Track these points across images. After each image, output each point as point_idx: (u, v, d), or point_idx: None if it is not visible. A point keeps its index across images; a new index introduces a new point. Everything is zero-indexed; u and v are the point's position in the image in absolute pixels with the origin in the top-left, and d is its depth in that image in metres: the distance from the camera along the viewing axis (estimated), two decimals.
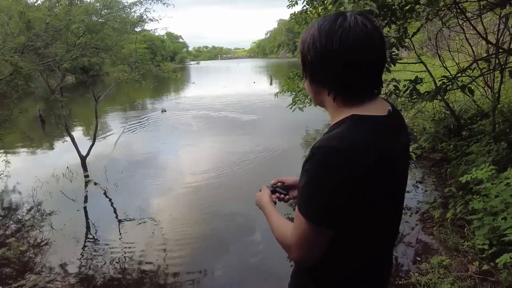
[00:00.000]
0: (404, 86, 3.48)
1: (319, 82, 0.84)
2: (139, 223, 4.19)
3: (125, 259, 3.40)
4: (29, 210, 4.68)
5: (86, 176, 5.62)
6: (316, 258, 0.83)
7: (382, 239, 0.90)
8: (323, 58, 0.79)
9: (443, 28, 5.01)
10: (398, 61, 3.38)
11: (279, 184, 1.14)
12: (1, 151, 7.35)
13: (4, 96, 5.05)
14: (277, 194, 1.12)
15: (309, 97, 4.79)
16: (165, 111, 12.89)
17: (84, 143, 6.67)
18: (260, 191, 1.11)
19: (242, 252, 3.48)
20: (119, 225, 4.22)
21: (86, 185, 5.40)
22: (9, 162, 6.11)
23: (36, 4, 5.58)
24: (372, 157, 0.77)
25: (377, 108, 0.82)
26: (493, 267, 2.44)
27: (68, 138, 6.07)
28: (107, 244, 3.72)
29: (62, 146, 7.83)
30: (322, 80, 0.83)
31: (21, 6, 4.86)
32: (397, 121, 0.88)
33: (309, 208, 0.78)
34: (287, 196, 1.12)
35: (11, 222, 4.41)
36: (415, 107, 4.36)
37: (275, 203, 1.07)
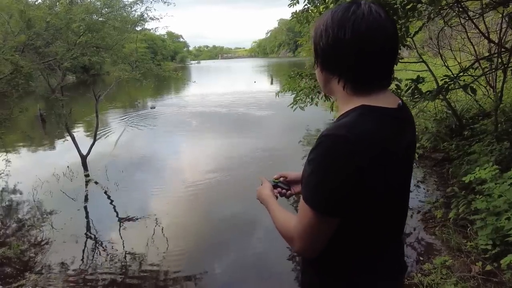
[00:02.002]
0: (406, 85, 3.46)
1: (330, 69, 0.83)
2: (140, 222, 4.18)
3: (126, 258, 3.39)
4: (30, 209, 4.67)
5: (87, 175, 5.61)
6: (319, 249, 0.82)
7: (387, 233, 0.88)
8: (334, 45, 0.78)
9: (445, 27, 4.99)
10: (400, 61, 3.37)
11: (281, 179, 1.13)
12: (2, 150, 7.34)
13: (4, 95, 5.04)
14: (279, 189, 1.10)
15: (310, 96, 4.78)
16: (154, 107, 13.19)
17: (84, 142, 6.66)
18: (261, 185, 1.10)
19: (243, 252, 3.46)
20: (119, 224, 4.21)
21: (86, 184, 5.39)
22: (9, 161, 6.08)
23: (36, 2, 5.57)
24: (378, 148, 0.76)
25: (387, 100, 0.81)
26: (497, 268, 2.43)
27: (68, 137, 6.07)
28: (108, 244, 3.71)
29: (63, 145, 7.83)
30: (333, 67, 0.82)
31: (21, 5, 4.85)
32: (406, 116, 0.87)
33: (315, 197, 0.77)
34: (289, 192, 1.11)
35: (12, 221, 4.40)
36: (417, 106, 4.33)
37: (276, 197, 1.06)
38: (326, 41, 0.79)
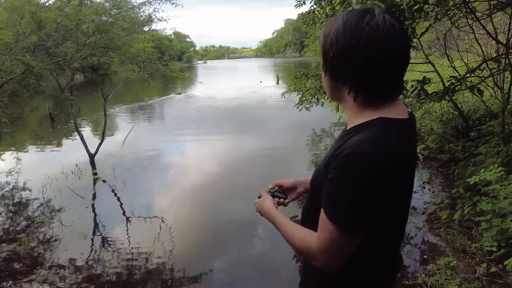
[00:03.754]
0: (412, 86, 3.46)
1: (339, 79, 0.82)
2: (146, 221, 4.24)
3: (132, 256, 3.44)
4: (39, 206, 4.76)
5: (95, 174, 5.69)
6: (342, 264, 0.82)
7: (397, 240, 0.92)
8: (347, 54, 0.76)
9: (452, 28, 4.97)
10: None
11: (276, 188, 1.13)
12: (12, 148, 7.48)
13: (16, 94, 5.15)
14: (277, 199, 1.10)
15: (316, 96, 4.80)
16: (180, 93, 15.89)
17: (92, 141, 6.75)
18: (258, 197, 1.09)
19: (248, 250, 3.50)
20: (126, 222, 4.27)
21: (94, 183, 5.46)
22: (19, 159, 6.24)
23: (47, 4, 5.68)
24: (400, 162, 0.77)
25: (399, 111, 0.81)
26: (501, 269, 2.42)
27: (77, 136, 6.16)
28: (115, 241, 3.77)
29: (71, 144, 7.94)
30: (343, 77, 0.81)
31: (33, 6, 4.95)
32: (414, 125, 0.89)
33: (342, 215, 0.77)
34: (286, 200, 1.11)
35: (22, 218, 4.49)
36: (423, 107, 4.33)
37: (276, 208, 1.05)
38: (338, 49, 0.77)
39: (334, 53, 0.78)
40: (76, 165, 5.94)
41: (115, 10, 5.78)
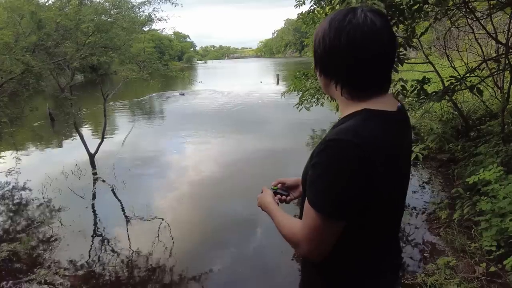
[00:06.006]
0: (412, 86, 3.46)
1: (327, 75, 0.86)
2: (146, 221, 4.24)
3: (132, 256, 3.44)
4: (39, 206, 4.76)
5: (95, 174, 5.69)
6: (326, 251, 0.83)
7: (389, 233, 0.91)
8: (330, 53, 0.81)
9: (452, 28, 4.97)
10: (406, 61, 3.37)
11: (279, 185, 1.15)
12: (12, 148, 7.48)
13: (15, 94, 5.14)
14: (279, 196, 1.12)
15: (316, 96, 4.81)
16: (183, 94, 16.02)
17: (92, 140, 6.75)
18: (261, 193, 1.12)
19: (248, 250, 3.50)
20: (126, 222, 4.27)
21: (94, 183, 5.46)
22: (19, 159, 6.24)
23: (47, 4, 5.67)
24: (384, 153, 0.78)
25: (386, 104, 0.83)
26: (501, 269, 2.43)
27: (77, 136, 6.16)
28: (115, 241, 3.77)
29: (71, 144, 7.95)
30: (330, 73, 0.85)
31: (32, 6, 4.95)
32: (405, 118, 0.90)
33: (322, 201, 0.78)
34: (288, 197, 1.13)
35: (22, 218, 4.49)
36: (423, 107, 4.33)
37: (277, 204, 1.07)
38: (323, 48, 0.82)
39: (321, 51, 0.83)
40: (76, 165, 5.94)
41: (114, 10, 5.78)
